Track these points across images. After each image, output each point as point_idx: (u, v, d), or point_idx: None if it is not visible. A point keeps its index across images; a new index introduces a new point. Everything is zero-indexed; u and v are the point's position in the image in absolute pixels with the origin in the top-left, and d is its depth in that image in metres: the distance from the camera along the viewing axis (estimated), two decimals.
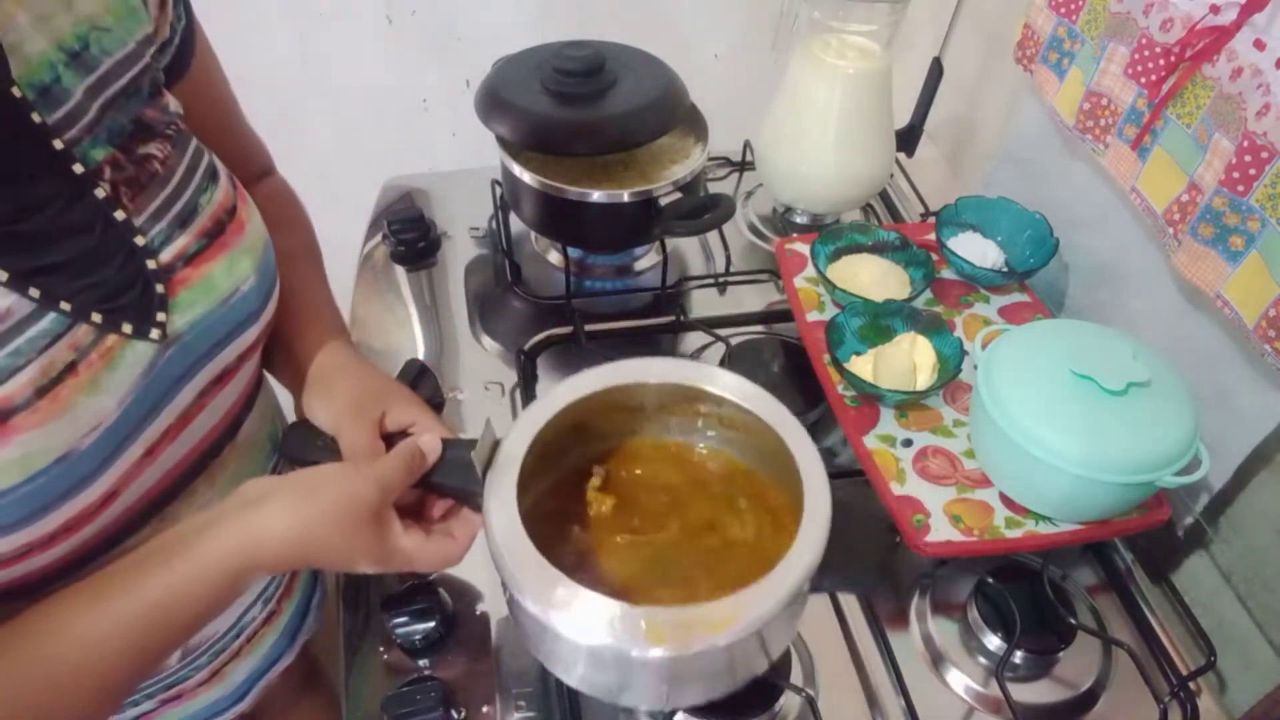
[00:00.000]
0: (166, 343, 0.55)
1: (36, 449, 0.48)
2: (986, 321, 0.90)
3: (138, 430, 0.55)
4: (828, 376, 0.84)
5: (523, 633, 0.61)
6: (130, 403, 0.53)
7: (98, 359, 0.51)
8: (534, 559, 0.55)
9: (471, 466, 0.59)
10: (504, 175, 0.99)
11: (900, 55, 1.34)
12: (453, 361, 0.95)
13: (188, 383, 0.58)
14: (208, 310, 0.58)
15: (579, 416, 0.65)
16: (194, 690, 0.75)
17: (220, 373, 0.62)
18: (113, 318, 0.52)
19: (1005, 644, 0.71)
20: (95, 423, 0.51)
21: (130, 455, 0.55)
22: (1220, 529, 0.77)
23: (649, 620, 0.53)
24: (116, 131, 0.55)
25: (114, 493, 0.55)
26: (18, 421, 0.47)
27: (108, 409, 0.51)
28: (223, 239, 0.59)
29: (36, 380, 0.48)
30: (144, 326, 0.53)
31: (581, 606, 0.53)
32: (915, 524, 0.73)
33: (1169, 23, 0.75)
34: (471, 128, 0.95)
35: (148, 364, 0.54)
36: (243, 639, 0.78)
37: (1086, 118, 0.86)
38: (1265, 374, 0.71)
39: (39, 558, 0.52)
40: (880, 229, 0.96)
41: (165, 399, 0.57)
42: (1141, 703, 0.71)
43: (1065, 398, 0.69)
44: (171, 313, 0.55)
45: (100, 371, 0.51)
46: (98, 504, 0.54)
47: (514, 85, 0.93)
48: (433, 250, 1.07)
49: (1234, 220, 0.69)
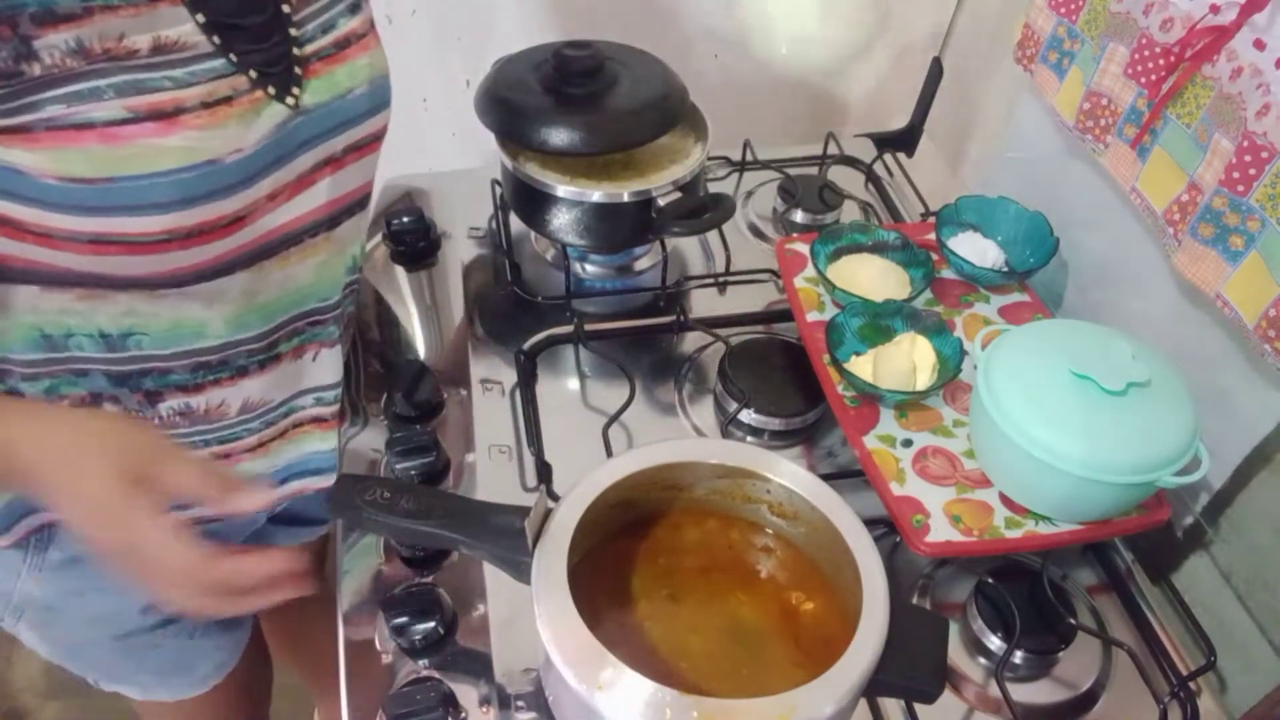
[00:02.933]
0: (296, 111, 0.66)
1: (195, 145, 0.59)
2: (986, 321, 0.90)
3: (265, 172, 0.65)
4: (828, 376, 0.84)
5: (558, 706, 0.60)
6: (265, 145, 0.64)
7: (248, 102, 0.62)
8: (584, 636, 0.54)
9: (522, 535, 0.59)
10: (504, 175, 0.99)
11: (900, 55, 1.34)
12: (453, 361, 0.95)
13: (308, 151, 0.69)
14: (330, 98, 0.70)
15: (630, 492, 0.64)
16: (240, 455, 0.80)
17: (331, 155, 0.72)
18: (264, 79, 0.64)
19: (1005, 644, 0.71)
20: (237, 146, 0.62)
21: (259, 190, 0.65)
22: (1220, 529, 0.77)
23: (701, 711, 0.51)
24: None
25: (242, 218, 0.65)
26: (185, 119, 0.59)
27: (248, 140, 0.63)
28: (348, 51, 0.71)
29: (203, 97, 0.60)
30: (283, 94, 0.65)
31: (631, 689, 0.52)
32: (915, 524, 0.73)
33: (1169, 23, 0.75)
34: (471, 128, 0.95)
35: (281, 121, 0.65)
36: (289, 421, 0.82)
37: (1086, 118, 0.86)
38: (1265, 374, 0.71)
39: (174, 255, 0.62)
40: (880, 229, 0.96)
41: (289, 156, 0.67)
42: (1141, 703, 0.71)
43: (1065, 398, 0.69)
44: (304, 90, 0.67)
45: (248, 111, 0.63)
46: (228, 220, 0.64)
47: (514, 85, 0.93)
48: (433, 250, 1.07)
49: (1234, 220, 0.69)
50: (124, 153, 0.57)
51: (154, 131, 0.57)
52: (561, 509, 0.61)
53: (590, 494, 0.62)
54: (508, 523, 0.60)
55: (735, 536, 0.68)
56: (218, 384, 0.74)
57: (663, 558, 0.67)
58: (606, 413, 0.87)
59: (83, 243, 0.59)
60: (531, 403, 0.88)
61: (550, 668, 0.56)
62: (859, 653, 0.54)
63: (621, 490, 0.63)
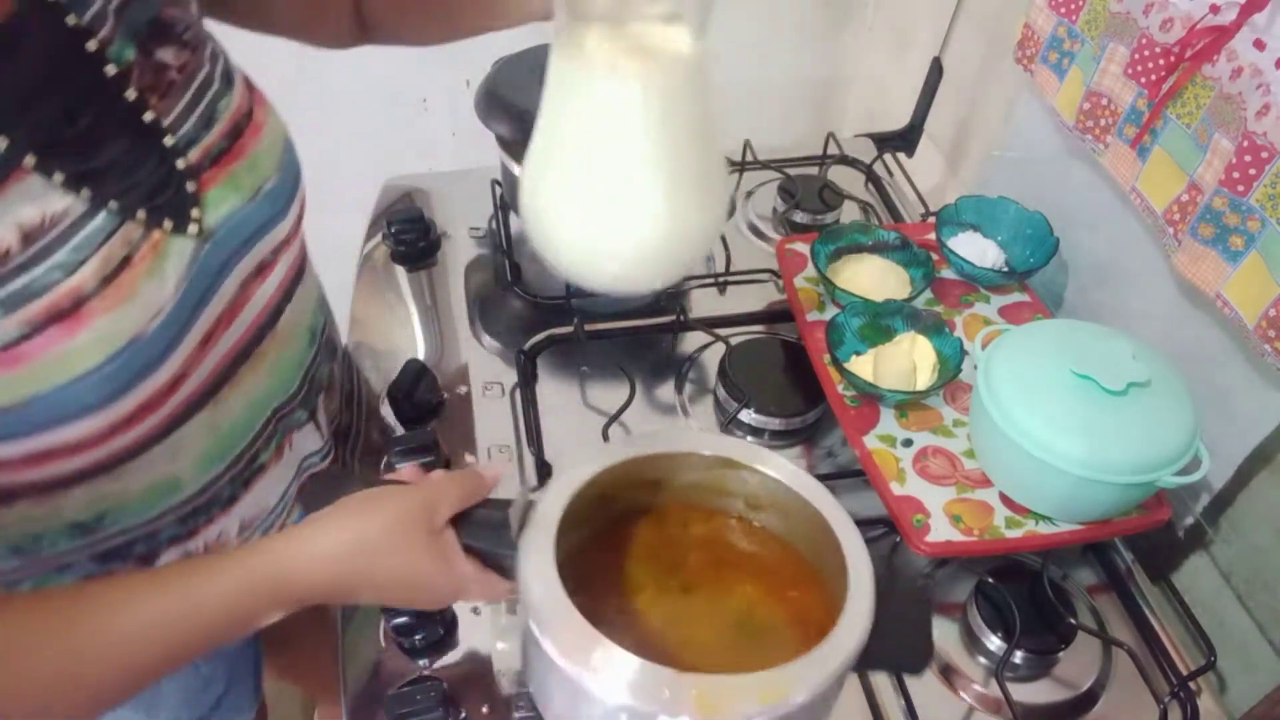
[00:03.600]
0: (204, 237, 0.58)
1: (110, 332, 0.52)
2: (986, 321, 0.90)
3: (193, 317, 0.58)
4: (828, 376, 0.84)
5: (545, 695, 0.59)
6: (184, 291, 0.57)
7: (148, 252, 0.54)
8: (575, 621, 0.53)
9: (505, 527, 0.57)
10: (504, 175, 0.99)
11: (900, 55, 1.34)
12: (453, 361, 0.95)
13: (229, 274, 0.61)
14: (237, 206, 0.61)
15: (612, 487, 0.63)
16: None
17: (258, 266, 0.64)
18: (155, 215, 0.55)
19: (1005, 644, 0.71)
20: (158, 308, 0.55)
21: (191, 340, 0.59)
22: (1220, 529, 0.77)
23: (699, 689, 0.51)
24: (137, 31, 0.56)
25: (181, 376, 0.58)
26: (90, 307, 0.51)
27: (167, 294, 0.55)
28: (242, 140, 0.62)
29: (100, 271, 0.52)
30: (182, 222, 0.57)
31: (627, 672, 0.51)
32: (915, 524, 0.73)
33: (1169, 23, 0.75)
34: (471, 128, 0.95)
35: (191, 256, 0.57)
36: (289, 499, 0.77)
37: (1086, 117, 0.86)
38: (1265, 374, 0.71)
39: (119, 439, 0.56)
40: (880, 229, 0.96)
41: (212, 289, 0.60)
42: (1141, 703, 0.71)
43: (1065, 398, 0.69)
44: (205, 209, 0.58)
45: (154, 262, 0.55)
46: (167, 387, 0.57)
47: (514, 85, 0.93)
48: (433, 250, 1.07)
49: (1234, 220, 0.69)
50: (31, 371, 0.50)
51: (59, 336, 0.50)
52: (546, 500, 0.59)
53: (574, 484, 0.60)
54: (491, 516, 0.59)
55: (720, 527, 0.68)
56: (210, 521, 0.69)
57: (649, 551, 0.66)
58: (606, 413, 0.87)
59: (16, 463, 0.53)
60: (532, 403, 0.88)
61: (540, 655, 0.54)
62: (849, 629, 0.55)
63: (604, 484, 0.62)
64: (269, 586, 0.53)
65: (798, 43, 1.44)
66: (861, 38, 1.44)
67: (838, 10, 1.41)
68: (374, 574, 0.55)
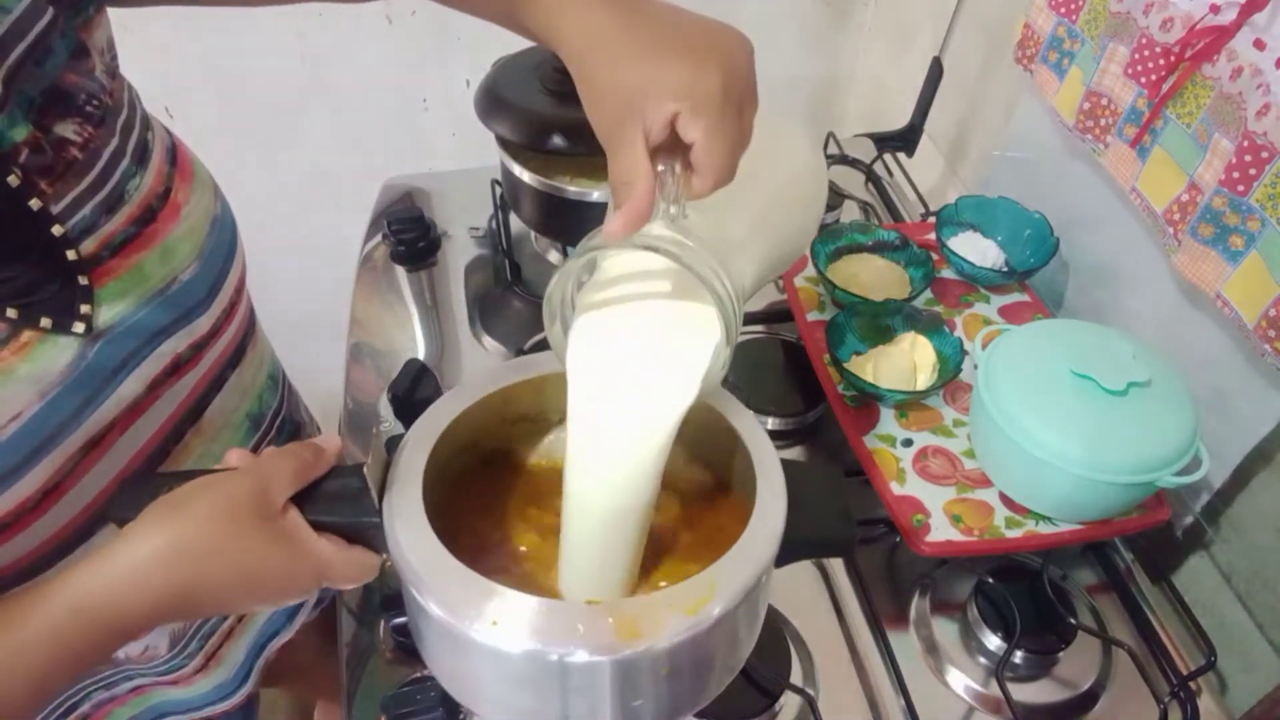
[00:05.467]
0: (94, 336, 0.52)
1: None
2: (986, 321, 0.90)
3: (73, 423, 0.52)
4: (828, 376, 0.84)
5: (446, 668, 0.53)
6: (57, 395, 0.50)
7: (10, 354, 0.48)
8: (460, 575, 0.47)
9: (363, 494, 0.50)
10: (504, 175, 0.99)
11: (900, 55, 1.34)
12: (453, 361, 0.95)
13: (129, 375, 0.55)
14: (141, 301, 0.54)
15: (478, 433, 0.57)
16: (191, 677, 0.73)
17: (171, 364, 0.57)
18: (30, 312, 0.49)
19: (1005, 644, 0.71)
20: (13, 413, 0.49)
21: (66, 448, 0.52)
22: (1220, 529, 0.77)
23: (616, 616, 0.45)
24: (31, 102, 0.49)
25: (56, 487, 0.52)
26: None
27: (26, 400, 0.49)
28: (154, 226, 0.55)
29: None
30: (65, 320, 0.50)
31: (530, 616, 0.45)
32: (915, 524, 0.73)
33: (1169, 23, 0.75)
34: (471, 128, 0.95)
35: (74, 357, 0.51)
36: (231, 619, 0.74)
37: (1086, 117, 0.86)
38: (1265, 374, 0.71)
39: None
40: (880, 229, 0.96)
41: (103, 391, 0.53)
42: (1141, 703, 0.71)
43: (1065, 398, 0.69)
44: (98, 305, 0.52)
45: (16, 364, 0.48)
46: (36, 499, 0.51)
47: (514, 85, 0.93)
48: (433, 250, 1.07)
49: (1234, 220, 0.69)
50: None
51: None
52: (405, 454, 0.52)
53: (434, 430, 0.53)
54: (343, 486, 0.51)
55: None
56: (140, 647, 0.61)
57: (530, 490, 0.60)
58: None
59: None
60: None
61: (430, 624, 0.48)
62: (764, 517, 0.51)
63: (469, 426, 0.55)
64: (73, 626, 0.43)
65: (797, 42, 1.44)
66: (861, 37, 1.44)
67: (837, 10, 1.41)
68: (206, 579, 0.46)
